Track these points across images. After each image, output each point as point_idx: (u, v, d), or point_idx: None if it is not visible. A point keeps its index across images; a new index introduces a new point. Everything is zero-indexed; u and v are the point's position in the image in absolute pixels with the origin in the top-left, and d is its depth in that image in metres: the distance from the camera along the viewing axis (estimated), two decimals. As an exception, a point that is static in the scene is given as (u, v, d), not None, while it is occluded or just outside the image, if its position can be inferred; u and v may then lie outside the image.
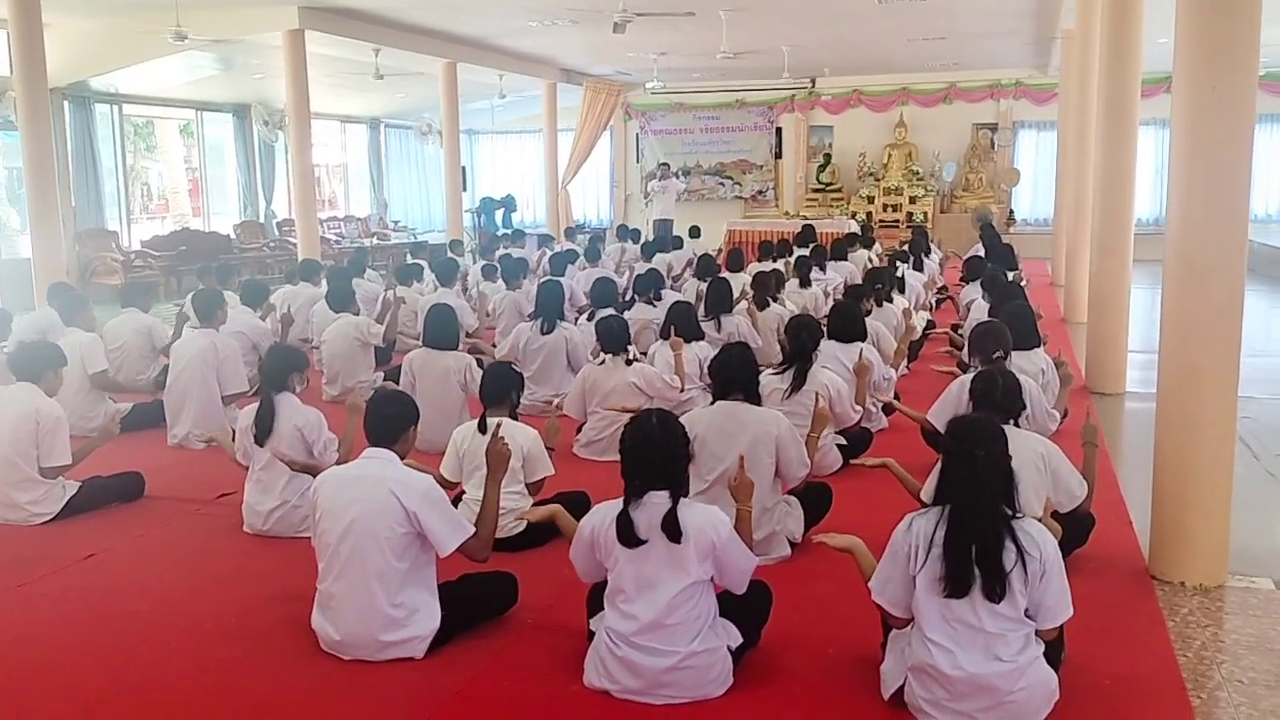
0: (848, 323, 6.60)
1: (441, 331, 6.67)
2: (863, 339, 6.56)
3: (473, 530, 3.79)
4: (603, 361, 6.37)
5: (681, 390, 6.45)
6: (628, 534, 3.36)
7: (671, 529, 3.32)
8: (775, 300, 8.80)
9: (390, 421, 3.88)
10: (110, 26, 13.18)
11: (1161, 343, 4.48)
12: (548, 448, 4.87)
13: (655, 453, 3.43)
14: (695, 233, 15.58)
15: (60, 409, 5.38)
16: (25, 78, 10.48)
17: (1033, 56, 18.18)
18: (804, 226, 14.77)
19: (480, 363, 6.52)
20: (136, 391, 8.17)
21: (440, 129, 17.93)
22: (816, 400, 5.06)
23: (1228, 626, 4.03)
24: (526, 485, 4.78)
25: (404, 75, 16.71)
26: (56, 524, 5.30)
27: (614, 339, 6.43)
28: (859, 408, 5.91)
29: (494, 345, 8.69)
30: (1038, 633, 3.20)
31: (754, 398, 4.69)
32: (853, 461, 5.09)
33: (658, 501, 3.37)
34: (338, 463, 4.71)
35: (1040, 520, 3.36)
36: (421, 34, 14.96)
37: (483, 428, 4.73)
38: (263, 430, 4.99)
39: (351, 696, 3.53)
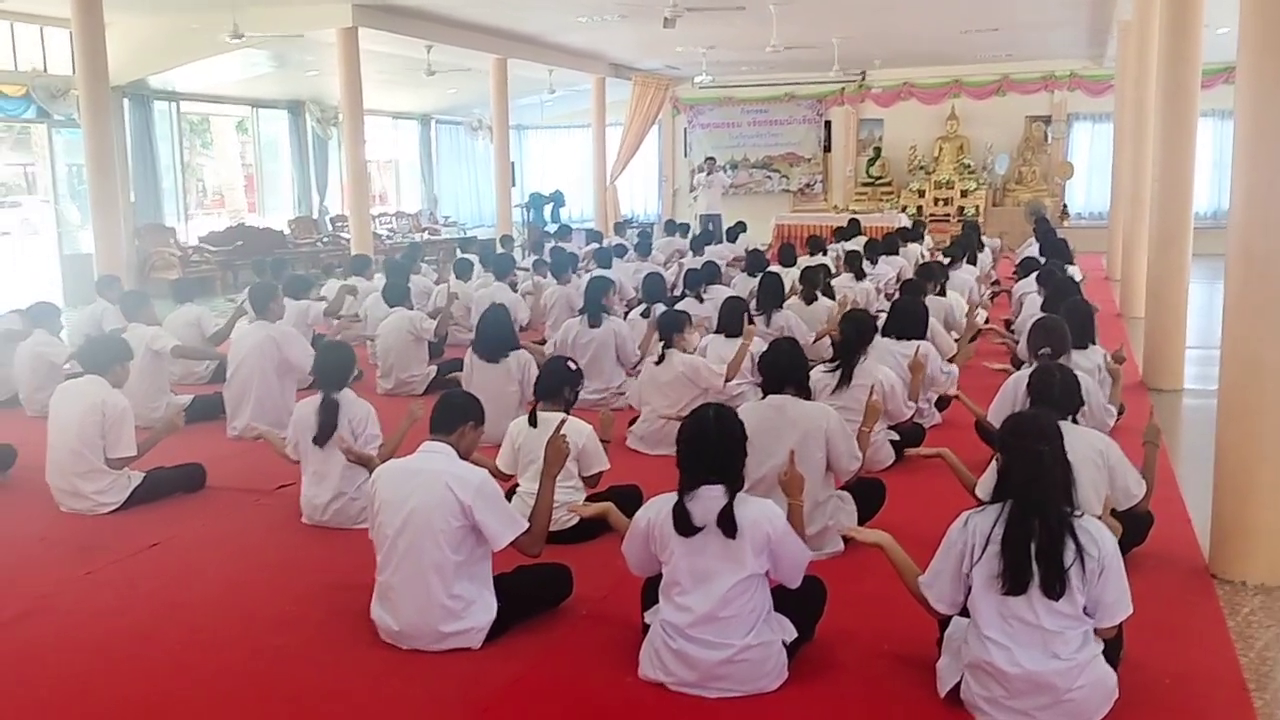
0: (908, 320, 6.51)
1: (494, 342, 6.59)
2: (922, 337, 6.48)
3: (526, 525, 3.83)
4: (660, 359, 6.38)
5: (728, 380, 6.45)
6: (684, 523, 3.38)
7: (727, 524, 3.33)
8: (831, 296, 8.77)
9: (453, 410, 3.93)
10: (169, 25, 13.43)
11: (1224, 336, 4.41)
12: (603, 440, 4.89)
13: (710, 446, 3.44)
14: (743, 227, 15.53)
15: (126, 401, 5.50)
16: (87, 76, 10.71)
17: (1088, 47, 17.90)
18: (850, 220, 14.67)
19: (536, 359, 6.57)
20: (195, 381, 8.37)
21: (490, 124, 18.04)
22: (870, 393, 5.04)
23: (1291, 627, 3.97)
24: (583, 478, 4.81)
25: (455, 71, 16.84)
26: (121, 513, 5.42)
27: (664, 327, 6.49)
28: (911, 404, 5.87)
29: (542, 341, 8.73)
30: (1097, 631, 3.18)
31: (804, 392, 4.68)
32: (908, 451, 5.06)
33: (713, 495, 3.39)
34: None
35: (1100, 518, 3.33)
36: (473, 30, 15.06)
37: (533, 421, 4.76)
38: (325, 432, 5.07)
39: (408, 685, 3.58)
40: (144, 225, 15.02)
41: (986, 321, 9.73)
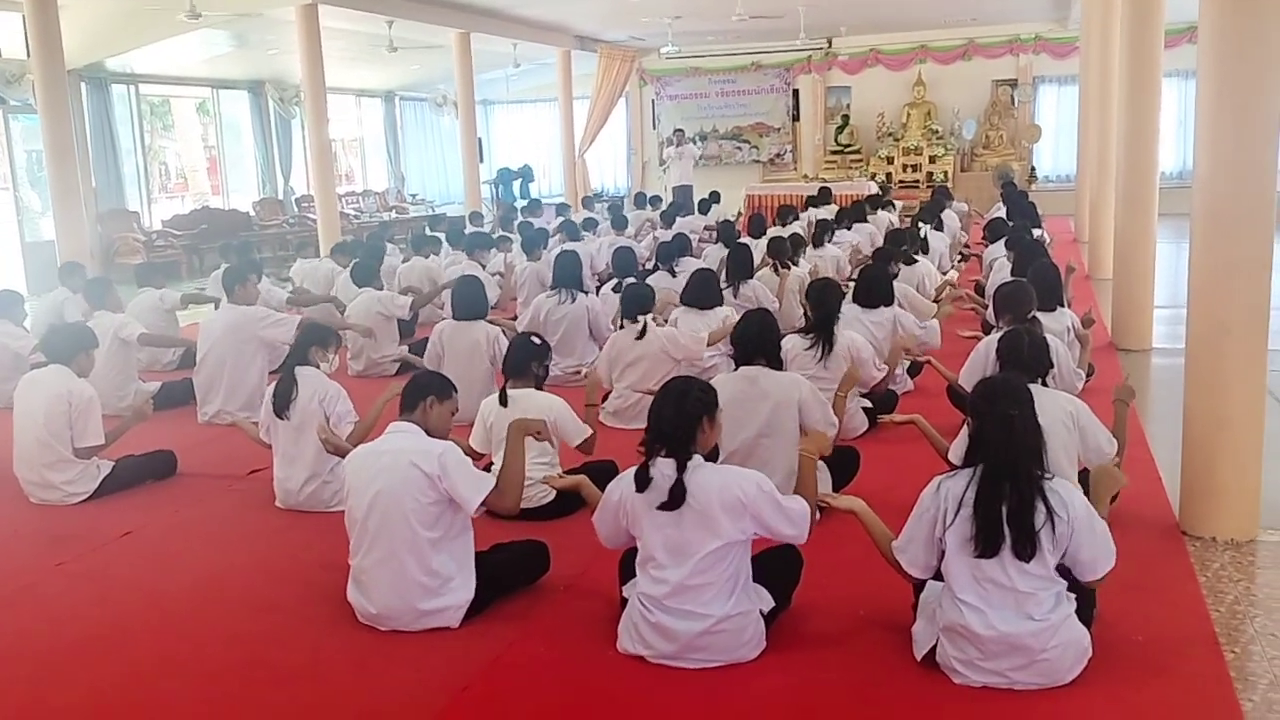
0: (874, 287, 6.55)
1: (470, 304, 6.67)
2: (889, 304, 6.52)
3: (494, 482, 3.80)
4: (643, 333, 6.35)
5: (710, 344, 6.46)
6: (644, 482, 3.39)
7: (677, 494, 3.32)
8: (794, 264, 8.78)
9: (414, 388, 3.91)
10: (124, 6, 13.17)
11: (1190, 296, 4.45)
12: (590, 405, 4.91)
13: (665, 420, 3.42)
14: (716, 197, 15.49)
15: (91, 389, 5.43)
16: (42, 60, 10.53)
17: (1052, 10, 17.92)
18: (820, 189, 14.69)
19: (505, 335, 6.55)
20: (163, 368, 8.29)
21: (455, 100, 17.88)
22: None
23: (1260, 581, 4.03)
24: (578, 449, 4.79)
25: (418, 47, 16.65)
26: (92, 503, 5.38)
27: (634, 303, 6.44)
28: (883, 367, 5.89)
29: (514, 318, 8.69)
30: (1084, 583, 3.22)
31: (775, 363, 4.70)
32: (881, 418, 5.09)
33: (666, 470, 3.38)
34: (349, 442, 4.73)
35: (1101, 471, 3.38)
36: (434, 4, 14.89)
37: (504, 400, 4.75)
38: (281, 402, 5.03)
39: (389, 665, 3.58)
40: (106, 210, 14.81)
41: (953, 286, 9.79)
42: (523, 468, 3.96)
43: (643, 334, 6.33)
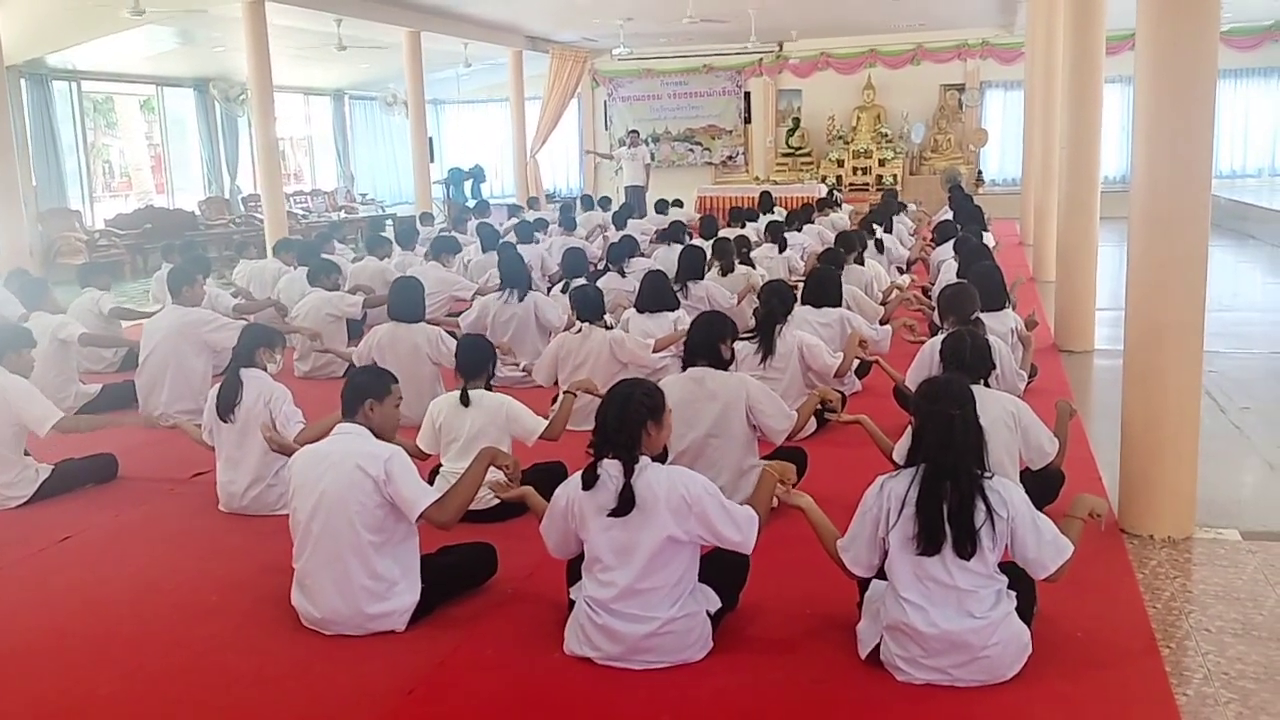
0: (822, 288, 6.64)
1: (406, 306, 6.58)
2: (837, 304, 6.59)
3: (438, 495, 3.76)
4: (579, 330, 6.35)
5: (656, 350, 6.47)
6: (591, 481, 3.38)
7: (626, 500, 3.32)
8: (746, 264, 8.83)
9: (351, 390, 3.85)
10: (66, 1, 12.91)
11: (1128, 298, 4.53)
12: (567, 392, 4.96)
13: (610, 424, 3.42)
14: (679, 204, 15.60)
15: (23, 379, 5.32)
16: (-20, 56, 10.28)
17: (999, 16, 18.17)
18: (762, 193, 14.79)
19: (453, 334, 6.50)
20: (104, 369, 8.14)
21: (405, 99, 17.74)
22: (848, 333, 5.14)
23: (1195, 577, 4.11)
24: (544, 438, 4.76)
25: (367, 46, 16.51)
26: (30, 507, 5.27)
27: (590, 307, 6.42)
28: (837, 354, 5.92)
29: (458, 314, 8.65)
30: (1039, 579, 3.30)
31: (719, 364, 4.72)
32: (828, 416, 5.13)
33: (613, 471, 3.38)
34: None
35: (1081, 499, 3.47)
36: (384, 2, 14.77)
37: (465, 400, 4.72)
38: (226, 405, 4.96)
39: (335, 669, 3.55)
40: (47, 209, 14.52)
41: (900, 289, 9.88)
42: (474, 493, 3.89)
43: (579, 331, 6.31)
